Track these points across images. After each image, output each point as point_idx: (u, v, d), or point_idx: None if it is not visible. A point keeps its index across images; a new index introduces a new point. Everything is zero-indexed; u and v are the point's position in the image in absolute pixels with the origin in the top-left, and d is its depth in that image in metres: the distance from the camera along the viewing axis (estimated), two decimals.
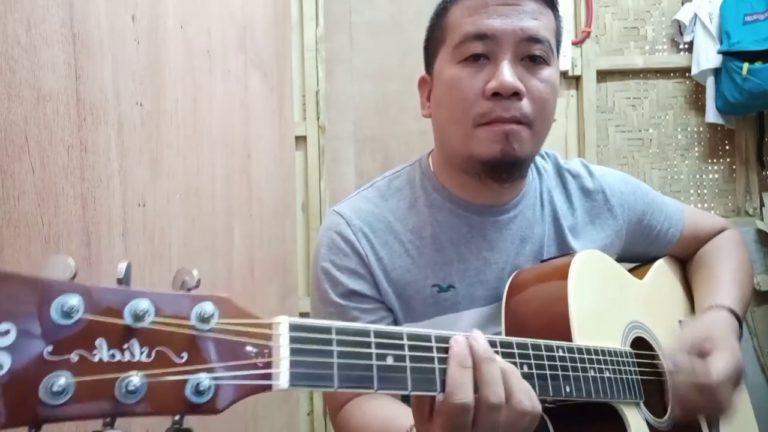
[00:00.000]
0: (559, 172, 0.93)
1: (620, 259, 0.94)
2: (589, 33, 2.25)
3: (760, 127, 2.23)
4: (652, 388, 0.79)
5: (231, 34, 1.42)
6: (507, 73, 0.73)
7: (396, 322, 0.82)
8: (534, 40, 0.75)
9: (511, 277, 0.81)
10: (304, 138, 2.25)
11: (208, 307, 0.42)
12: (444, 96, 0.79)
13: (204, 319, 0.41)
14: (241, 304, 0.44)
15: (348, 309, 0.81)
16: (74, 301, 0.37)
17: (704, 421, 0.83)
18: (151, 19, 0.97)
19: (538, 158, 0.93)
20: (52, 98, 0.69)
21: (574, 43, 2.26)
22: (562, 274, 0.75)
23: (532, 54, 0.76)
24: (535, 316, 0.74)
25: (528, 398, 0.55)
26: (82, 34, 0.76)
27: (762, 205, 2.24)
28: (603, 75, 2.30)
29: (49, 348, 0.36)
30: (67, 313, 0.36)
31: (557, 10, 0.81)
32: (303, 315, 2.20)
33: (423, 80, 0.87)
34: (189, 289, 0.43)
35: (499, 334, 0.76)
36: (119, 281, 0.40)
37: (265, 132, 1.74)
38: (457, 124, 0.78)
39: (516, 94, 0.74)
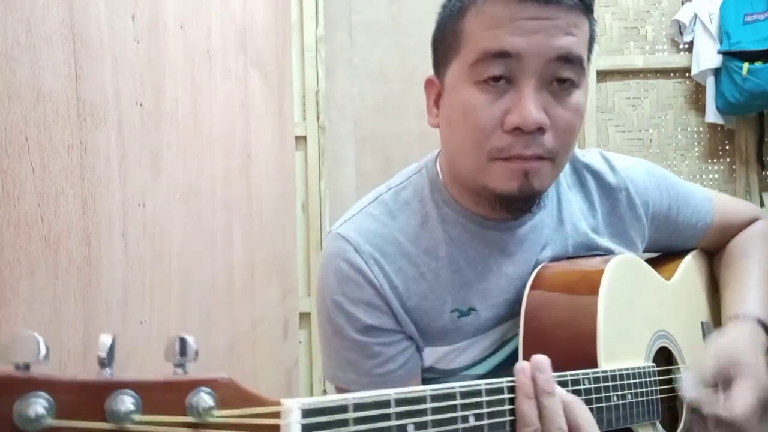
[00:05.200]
0: (577, 168, 0.85)
1: (645, 251, 0.90)
2: None
3: (760, 127, 2.23)
4: (666, 401, 0.77)
5: (231, 34, 1.42)
6: (531, 107, 0.64)
7: (418, 349, 0.78)
8: (566, 59, 0.65)
9: (536, 270, 0.75)
10: (304, 138, 2.25)
11: (206, 397, 0.36)
12: (457, 120, 0.70)
13: (200, 412, 0.36)
14: (244, 387, 0.39)
15: (368, 345, 0.74)
16: (41, 403, 0.31)
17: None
18: (151, 19, 0.97)
19: None
20: (52, 98, 0.69)
21: None
22: (593, 285, 0.69)
23: (562, 77, 0.65)
24: (559, 328, 0.69)
25: (591, 427, 0.53)
26: (82, 34, 0.75)
27: (762, 205, 2.24)
28: (603, 75, 2.30)
29: None
30: (35, 419, 0.30)
31: (592, 13, 0.69)
32: (303, 315, 2.22)
33: (430, 82, 0.77)
34: (185, 364, 0.37)
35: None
36: (101, 362, 0.34)
37: (265, 132, 1.74)
38: (470, 154, 0.69)
39: (539, 129, 0.65)
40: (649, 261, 0.88)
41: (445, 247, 0.76)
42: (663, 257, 0.97)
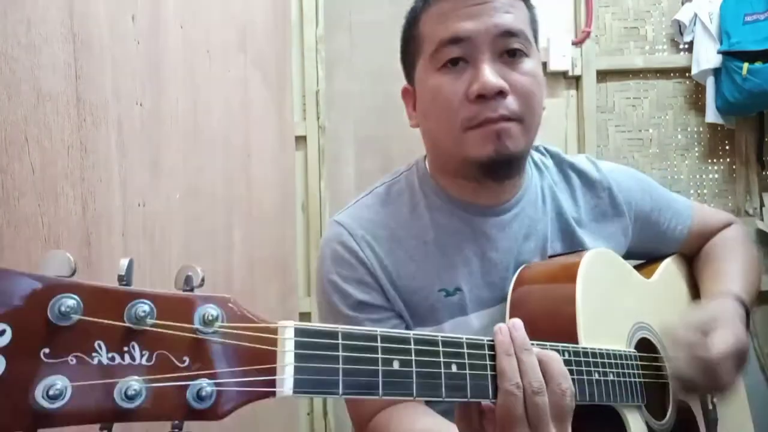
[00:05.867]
0: (562, 168, 0.92)
1: (628, 256, 0.93)
2: (589, 33, 2.25)
3: (760, 127, 2.23)
4: (654, 390, 0.79)
5: (231, 34, 1.42)
6: (488, 74, 0.73)
7: (408, 328, 0.81)
8: (509, 33, 0.75)
9: (518, 271, 0.80)
10: (304, 138, 2.25)
11: (212, 310, 0.41)
12: (429, 105, 0.79)
13: (207, 322, 0.40)
14: (246, 307, 0.43)
15: (359, 320, 0.80)
16: (72, 301, 0.36)
17: (702, 422, 0.83)
18: (151, 19, 0.97)
19: (536, 154, 0.92)
20: (52, 98, 0.69)
21: (574, 43, 2.26)
22: (571, 274, 0.74)
23: (511, 48, 0.75)
24: (542, 316, 0.73)
25: (565, 380, 0.57)
26: (82, 34, 0.76)
27: (762, 205, 2.24)
28: (603, 75, 2.29)
29: (46, 350, 0.35)
30: (65, 314, 0.35)
31: (528, 0, 0.80)
32: (303, 315, 2.22)
33: (406, 91, 0.87)
34: (192, 288, 0.42)
35: None
36: (120, 279, 0.39)
37: (265, 132, 1.74)
38: (446, 131, 0.77)
39: (500, 93, 0.73)
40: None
41: (432, 232, 0.83)
42: (642, 262, 1.00)
